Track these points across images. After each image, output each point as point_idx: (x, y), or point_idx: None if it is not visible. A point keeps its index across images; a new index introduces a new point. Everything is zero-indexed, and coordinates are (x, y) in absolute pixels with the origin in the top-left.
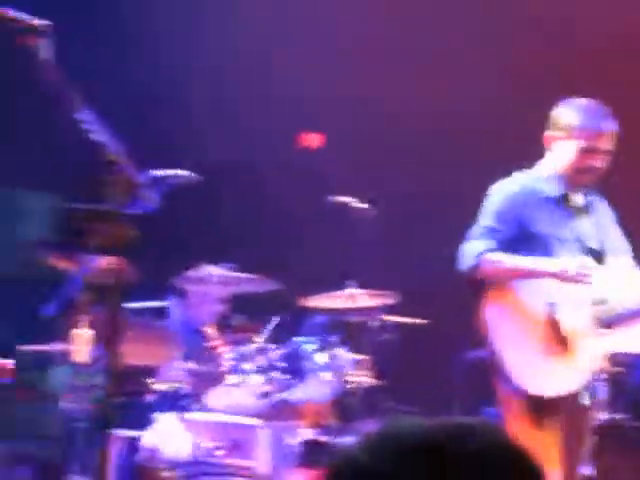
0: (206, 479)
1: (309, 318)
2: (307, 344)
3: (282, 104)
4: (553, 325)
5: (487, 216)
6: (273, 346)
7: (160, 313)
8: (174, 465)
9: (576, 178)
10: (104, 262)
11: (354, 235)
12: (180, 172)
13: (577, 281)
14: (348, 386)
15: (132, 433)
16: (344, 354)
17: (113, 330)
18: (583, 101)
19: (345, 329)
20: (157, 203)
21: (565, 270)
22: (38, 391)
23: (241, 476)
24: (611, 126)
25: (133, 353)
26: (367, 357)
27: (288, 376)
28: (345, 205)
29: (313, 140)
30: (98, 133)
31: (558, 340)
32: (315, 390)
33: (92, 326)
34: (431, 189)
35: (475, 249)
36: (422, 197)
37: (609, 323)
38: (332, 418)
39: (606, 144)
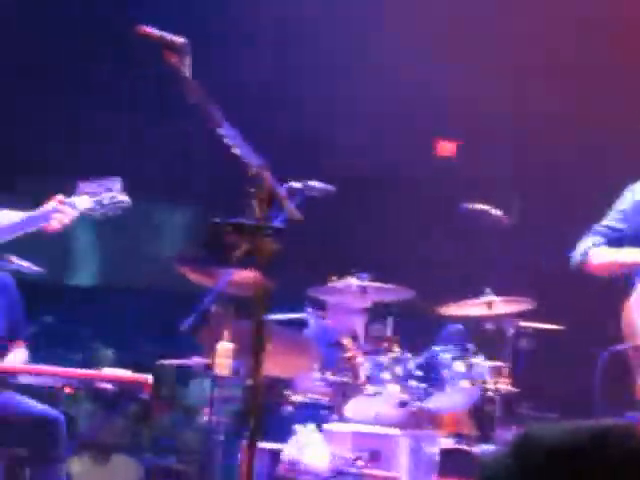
0: None
1: (445, 326)
2: (444, 352)
3: (417, 111)
4: None
5: (609, 214)
6: (410, 355)
7: (298, 325)
8: (315, 476)
9: None
10: (243, 275)
11: (489, 242)
12: (316, 184)
13: None
14: (486, 394)
15: (272, 445)
16: (481, 362)
17: (257, 343)
18: None
19: (481, 336)
20: (299, 215)
21: None
22: (178, 405)
23: None
24: None
25: (272, 365)
26: (504, 364)
27: (426, 385)
28: (481, 212)
29: (447, 148)
30: (240, 147)
31: None
32: (453, 398)
33: (233, 339)
34: (563, 192)
35: (583, 246)
36: (555, 201)
37: None
38: (471, 426)
39: None
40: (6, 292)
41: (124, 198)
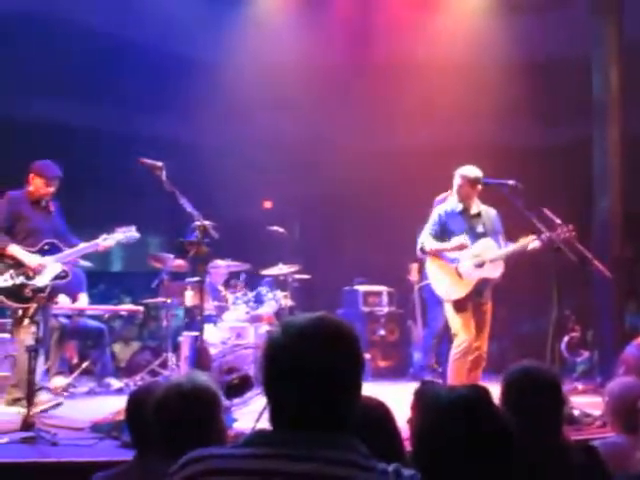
0: (231, 351)
1: (263, 278)
2: (263, 289)
3: None
4: None
5: (429, 223)
6: (250, 293)
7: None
8: (216, 347)
9: None
10: (178, 263)
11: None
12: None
13: None
14: (279, 305)
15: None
16: (278, 294)
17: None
18: None
19: (278, 282)
20: (216, 235)
21: None
22: (154, 321)
23: (245, 347)
24: None
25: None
26: (287, 294)
27: (257, 305)
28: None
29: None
30: (189, 207)
31: None
32: (269, 308)
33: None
34: None
35: (422, 239)
36: None
37: None
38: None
39: None
40: (80, 275)
41: (136, 235)
